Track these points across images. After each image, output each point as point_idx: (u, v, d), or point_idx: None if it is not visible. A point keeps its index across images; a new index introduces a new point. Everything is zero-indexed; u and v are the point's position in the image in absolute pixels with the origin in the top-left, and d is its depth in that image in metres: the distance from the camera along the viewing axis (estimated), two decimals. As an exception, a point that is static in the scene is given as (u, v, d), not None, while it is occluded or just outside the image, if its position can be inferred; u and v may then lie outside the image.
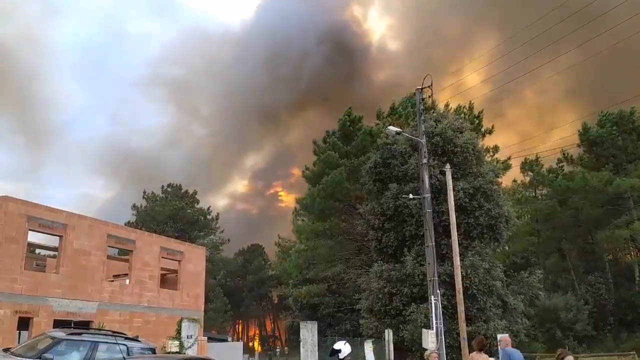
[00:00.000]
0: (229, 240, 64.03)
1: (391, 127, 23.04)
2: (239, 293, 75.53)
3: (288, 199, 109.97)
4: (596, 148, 39.15)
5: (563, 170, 44.15)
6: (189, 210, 58.45)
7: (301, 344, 21.52)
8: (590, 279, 38.37)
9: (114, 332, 12.93)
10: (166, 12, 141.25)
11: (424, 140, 22.19)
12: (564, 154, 41.84)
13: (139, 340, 12.80)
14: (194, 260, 28.13)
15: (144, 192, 60.69)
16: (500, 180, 29.21)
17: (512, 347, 11.93)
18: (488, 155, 34.28)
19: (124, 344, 11.62)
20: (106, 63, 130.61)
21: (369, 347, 21.99)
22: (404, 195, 23.70)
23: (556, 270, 43.58)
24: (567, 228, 40.68)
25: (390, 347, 21.87)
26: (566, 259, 41.75)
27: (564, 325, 32.30)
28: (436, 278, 20.34)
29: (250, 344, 78.23)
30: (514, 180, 45.77)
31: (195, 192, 61.32)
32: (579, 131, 39.70)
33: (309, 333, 21.88)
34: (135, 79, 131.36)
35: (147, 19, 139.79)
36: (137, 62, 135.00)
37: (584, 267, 41.39)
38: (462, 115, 34.35)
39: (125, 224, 51.10)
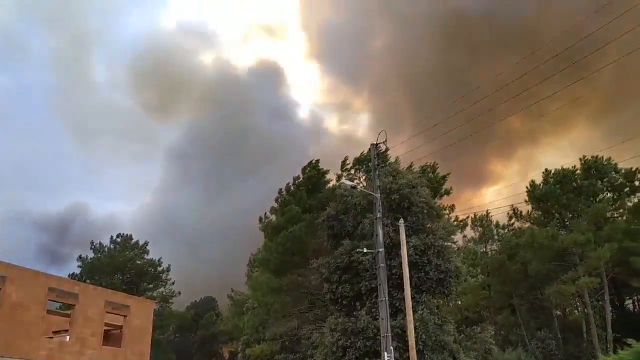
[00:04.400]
0: (179, 292, 62.00)
1: (346, 181, 23.34)
2: (188, 349, 72.64)
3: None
4: (543, 205, 40.53)
5: (510, 226, 45.51)
6: (138, 262, 56.64)
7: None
8: (540, 335, 38.80)
9: None
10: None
11: (378, 195, 22.49)
12: (514, 210, 43.15)
13: None
14: (140, 315, 27.04)
15: (92, 243, 58.62)
16: (454, 237, 29.72)
17: None
18: (445, 213, 34.92)
19: None
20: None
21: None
22: (357, 250, 23.75)
23: (508, 325, 43.97)
24: (517, 283, 41.39)
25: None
26: (517, 314, 42.27)
27: (516, 381, 32.38)
28: (389, 334, 20.17)
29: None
30: (464, 236, 46.69)
31: (146, 243, 59.66)
32: (526, 188, 41.10)
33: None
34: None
35: None
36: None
37: (534, 322, 41.90)
38: (426, 173, 35.04)
39: (69, 276, 49.06)
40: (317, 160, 37.61)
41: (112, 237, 59.44)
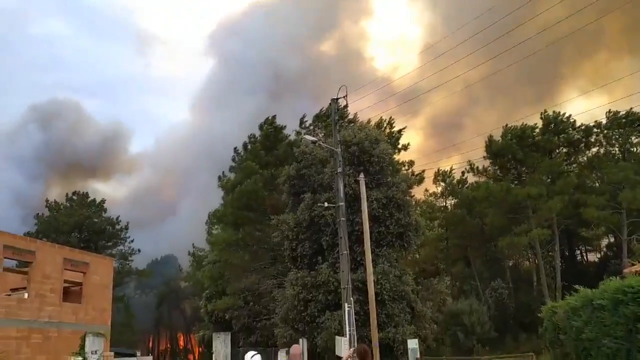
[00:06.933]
0: (139, 250, 61.42)
1: (307, 136, 23.33)
2: (149, 306, 72.85)
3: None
4: (499, 160, 41.42)
5: (466, 181, 46.53)
6: (95, 220, 55.64)
7: (214, 356, 21.11)
8: (493, 285, 40.51)
9: None
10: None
11: (339, 150, 22.56)
12: (470, 165, 44.01)
13: None
14: (100, 272, 26.80)
15: (47, 201, 57.19)
16: (412, 191, 30.21)
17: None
18: (404, 169, 35.33)
19: None
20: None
21: (282, 357, 21.91)
22: (319, 204, 23.96)
23: (462, 277, 45.71)
24: (473, 236, 42.81)
25: (304, 356, 21.89)
26: (471, 266, 43.87)
27: (468, 328, 33.80)
28: (350, 285, 20.65)
29: (161, 358, 75.55)
30: (426, 190, 47.52)
31: (103, 201, 58.54)
32: (485, 143, 41.71)
33: (222, 345, 21.52)
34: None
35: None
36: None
37: (487, 273, 43.64)
38: (383, 128, 35.19)
39: (25, 234, 47.91)
40: (274, 117, 37.13)
41: (67, 194, 58.14)
